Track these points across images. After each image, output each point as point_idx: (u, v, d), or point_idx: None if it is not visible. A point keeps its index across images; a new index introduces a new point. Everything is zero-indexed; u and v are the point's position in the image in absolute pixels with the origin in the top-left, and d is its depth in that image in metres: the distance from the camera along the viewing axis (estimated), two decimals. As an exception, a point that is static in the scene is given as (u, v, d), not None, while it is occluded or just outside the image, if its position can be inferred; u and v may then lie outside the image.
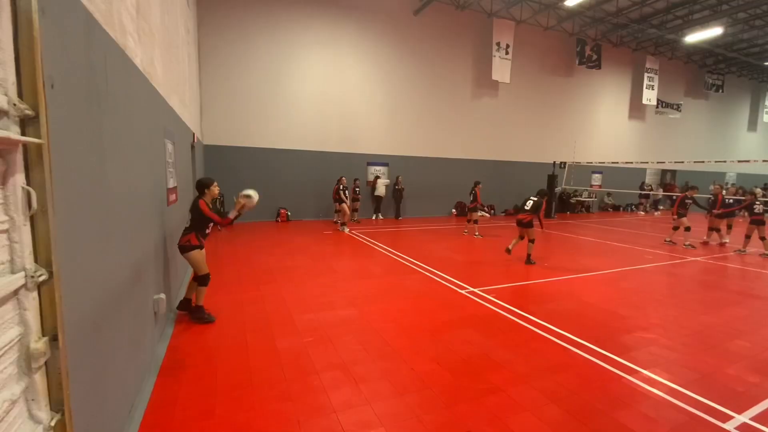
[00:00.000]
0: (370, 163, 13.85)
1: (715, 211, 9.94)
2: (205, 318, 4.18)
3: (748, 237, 9.09)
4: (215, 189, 4.27)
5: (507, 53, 14.84)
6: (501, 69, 14.83)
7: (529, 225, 7.11)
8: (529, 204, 7.19)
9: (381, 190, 13.41)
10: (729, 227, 10.37)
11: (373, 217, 13.77)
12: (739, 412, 2.79)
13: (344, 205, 10.74)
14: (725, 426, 2.64)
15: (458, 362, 3.44)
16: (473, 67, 15.04)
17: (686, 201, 9.74)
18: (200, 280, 4.20)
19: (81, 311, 1.72)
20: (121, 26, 2.52)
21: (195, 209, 4.11)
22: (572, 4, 12.95)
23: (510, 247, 7.59)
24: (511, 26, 14.81)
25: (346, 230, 10.61)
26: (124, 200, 2.52)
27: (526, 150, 16.82)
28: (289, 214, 12.43)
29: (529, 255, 7.33)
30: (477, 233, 10.37)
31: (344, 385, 3.01)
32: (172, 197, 4.60)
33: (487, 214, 14.67)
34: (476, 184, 10.35)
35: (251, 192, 4.21)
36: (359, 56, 13.09)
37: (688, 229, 9.58)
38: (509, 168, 16.49)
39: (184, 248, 4.09)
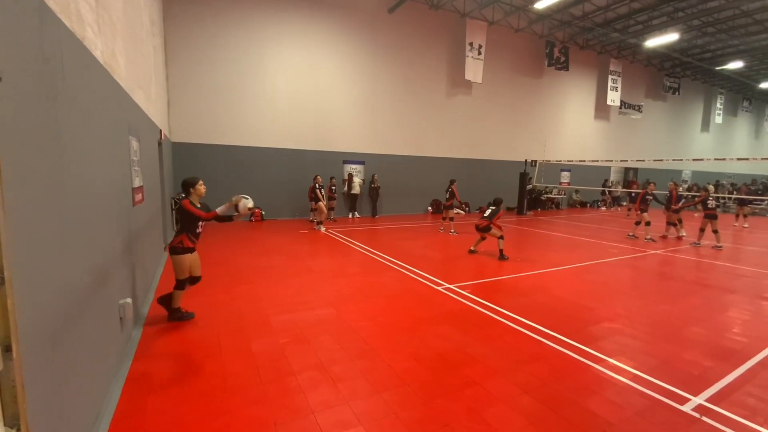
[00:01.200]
0: (346, 162, 13.77)
1: (673, 207, 10.57)
2: (184, 316, 4.14)
3: (702, 230, 9.72)
4: (201, 187, 4.14)
5: (480, 53, 15.12)
6: (474, 69, 15.10)
7: (487, 229, 7.70)
8: (488, 212, 7.81)
9: (356, 188, 13.39)
10: (679, 221, 10.98)
11: (350, 216, 13.72)
12: (695, 395, 2.98)
13: (320, 203, 10.63)
14: (683, 408, 2.81)
15: (435, 358, 3.49)
16: (447, 67, 15.24)
17: (647, 197, 10.32)
18: (178, 284, 4.10)
19: (37, 319, 1.62)
20: (78, 16, 2.38)
21: (180, 210, 4.01)
22: (541, 6, 13.34)
23: (473, 248, 8.10)
24: (483, 27, 15.09)
25: (323, 229, 10.51)
26: (85, 201, 2.38)
27: (499, 148, 17.23)
28: (263, 213, 12.18)
29: (501, 251, 7.55)
30: (453, 230, 10.54)
31: (322, 386, 2.98)
32: (138, 197, 4.40)
33: (462, 212, 14.94)
34: (452, 182, 10.51)
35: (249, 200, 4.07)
36: (334, 53, 12.96)
37: (648, 223, 10.13)
38: (483, 166, 16.85)
39: (175, 249, 4.01)
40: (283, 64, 12.18)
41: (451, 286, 5.66)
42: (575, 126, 19.88)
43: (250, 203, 4.01)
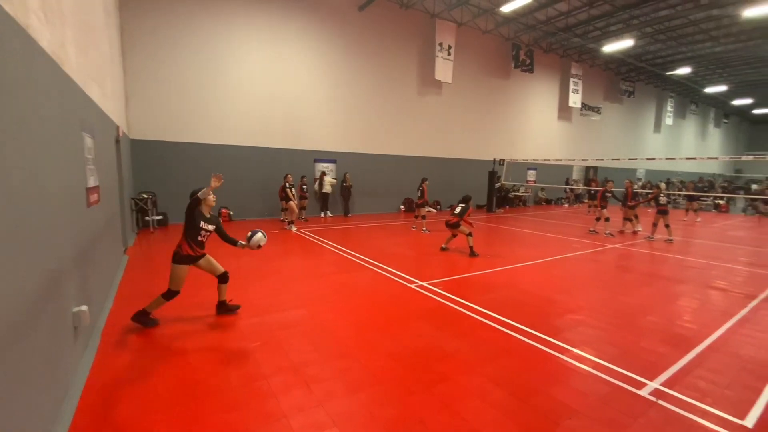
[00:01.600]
0: (317, 160, 13.59)
1: (629, 203, 11.22)
2: (148, 323, 3.98)
3: (655, 225, 10.38)
4: (210, 198, 4.10)
5: (449, 54, 15.36)
6: (443, 69, 15.32)
7: (456, 225, 7.87)
8: (458, 209, 7.95)
9: (328, 187, 13.25)
10: (635, 217, 11.68)
11: (322, 215, 13.57)
12: (651, 379, 3.18)
13: (291, 203, 10.43)
14: (640, 392, 2.99)
15: (409, 355, 3.51)
16: (418, 66, 15.37)
17: (606, 194, 10.91)
18: (166, 293, 3.98)
19: (-23, 332, 1.47)
20: (21, 1, 2.19)
21: (185, 213, 3.98)
22: (508, 10, 13.73)
23: (444, 245, 8.22)
24: (452, 28, 15.34)
25: (294, 229, 10.32)
26: (31, 201, 2.20)
27: (468, 148, 17.60)
28: (231, 213, 11.78)
29: (471, 248, 7.71)
30: (425, 228, 10.66)
31: (295, 389, 2.93)
32: (94, 197, 4.13)
33: (433, 210, 15.17)
34: (423, 180, 10.63)
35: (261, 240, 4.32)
36: (303, 49, 12.72)
37: (608, 219, 10.72)
38: (454, 165, 17.15)
39: (174, 257, 3.97)
40: (251, 59, 11.82)
41: (424, 284, 5.72)
42: (540, 126, 20.65)
43: (263, 242, 4.31)
